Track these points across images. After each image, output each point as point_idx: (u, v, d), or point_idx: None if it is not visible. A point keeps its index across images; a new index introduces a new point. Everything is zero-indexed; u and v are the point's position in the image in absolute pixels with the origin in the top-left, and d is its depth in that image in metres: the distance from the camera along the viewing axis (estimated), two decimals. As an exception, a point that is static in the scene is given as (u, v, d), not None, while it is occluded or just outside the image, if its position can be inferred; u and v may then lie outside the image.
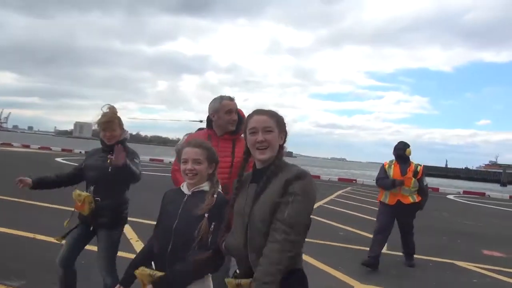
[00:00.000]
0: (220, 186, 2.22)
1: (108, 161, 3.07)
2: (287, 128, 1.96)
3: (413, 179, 5.85)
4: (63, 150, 33.77)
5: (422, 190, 5.97)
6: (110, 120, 3.17)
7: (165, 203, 2.24)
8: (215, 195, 2.10)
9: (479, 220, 13.06)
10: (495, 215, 15.24)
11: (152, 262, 2.15)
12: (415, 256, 6.17)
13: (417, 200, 5.93)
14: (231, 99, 3.10)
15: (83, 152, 29.38)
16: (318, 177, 27.17)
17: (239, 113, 3.14)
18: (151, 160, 30.18)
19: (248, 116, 1.95)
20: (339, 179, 29.03)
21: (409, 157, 6.02)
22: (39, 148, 33.20)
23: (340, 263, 5.71)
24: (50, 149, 33.24)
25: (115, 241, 3.21)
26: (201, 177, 2.15)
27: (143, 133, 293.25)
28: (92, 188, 3.14)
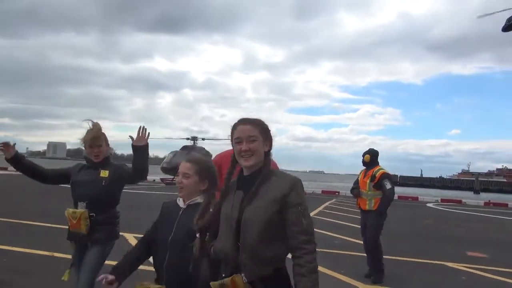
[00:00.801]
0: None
1: (129, 138, 3.01)
2: (272, 135, 2.00)
3: (368, 182, 5.93)
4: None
5: (383, 194, 5.84)
6: (97, 136, 3.14)
7: (163, 214, 2.31)
8: (211, 209, 2.07)
9: (460, 225, 13.99)
10: (474, 220, 16.23)
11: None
12: (410, 259, 6.61)
13: (373, 208, 5.88)
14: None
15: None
16: (302, 190, 27.53)
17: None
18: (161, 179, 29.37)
19: (233, 126, 1.98)
20: (323, 192, 29.72)
21: (372, 163, 6.07)
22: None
23: (341, 267, 6.06)
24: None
25: (106, 255, 3.11)
26: (189, 192, 2.22)
27: (119, 152, 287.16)
28: (84, 204, 3.03)
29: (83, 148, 3.20)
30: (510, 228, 14.95)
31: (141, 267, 2.35)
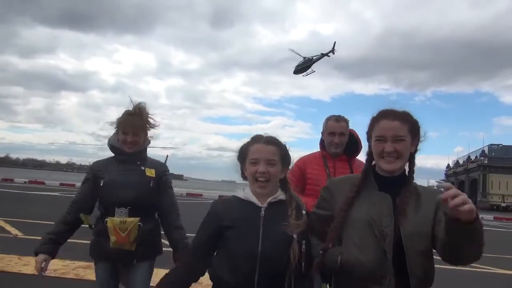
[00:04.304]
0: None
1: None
2: (421, 133, 1.72)
3: None
4: None
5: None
6: (139, 119, 2.52)
7: (227, 218, 1.73)
8: (303, 211, 1.73)
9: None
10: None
11: None
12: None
13: None
14: (337, 120, 2.89)
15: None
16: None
17: (353, 134, 2.95)
18: (61, 184, 28.72)
19: (373, 119, 1.72)
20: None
21: None
22: None
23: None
24: None
25: (152, 272, 2.54)
26: (274, 184, 1.76)
27: (13, 156, 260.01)
28: (126, 210, 2.38)
29: (116, 132, 2.56)
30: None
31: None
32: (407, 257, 1.55)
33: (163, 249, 2.62)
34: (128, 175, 2.45)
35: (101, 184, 2.43)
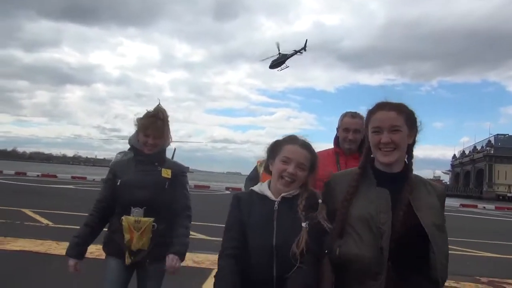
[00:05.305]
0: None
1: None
2: (418, 124, 1.72)
3: None
4: None
5: None
6: (161, 122, 2.52)
7: (245, 211, 1.80)
8: (319, 200, 1.78)
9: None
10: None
11: None
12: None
13: None
14: (353, 116, 2.86)
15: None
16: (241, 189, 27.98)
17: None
18: (72, 177, 29.81)
19: (370, 111, 1.72)
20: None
21: None
22: None
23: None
24: None
25: (164, 273, 2.50)
26: (297, 186, 1.81)
27: (20, 149, 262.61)
28: (141, 210, 2.42)
29: (136, 132, 2.58)
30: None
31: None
32: (433, 255, 1.55)
33: None
34: (144, 176, 2.49)
35: (118, 183, 2.49)
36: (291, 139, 1.86)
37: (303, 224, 1.68)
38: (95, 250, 4.07)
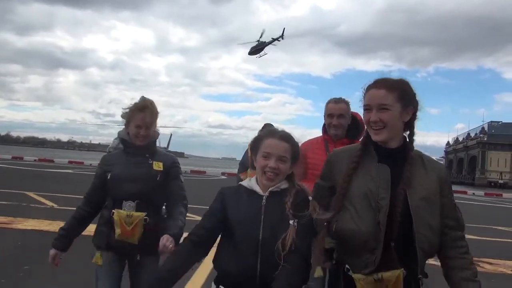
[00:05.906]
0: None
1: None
2: (418, 99, 1.69)
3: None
4: None
5: None
6: (150, 112, 2.48)
7: (232, 205, 1.80)
8: (309, 197, 1.78)
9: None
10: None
11: None
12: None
13: None
14: (336, 102, 2.92)
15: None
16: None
17: (356, 117, 2.96)
18: (69, 162, 30.25)
19: (364, 89, 1.70)
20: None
21: None
22: None
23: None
24: None
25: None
26: (281, 178, 1.80)
27: (14, 134, 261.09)
28: (133, 204, 2.38)
29: (125, 125, 2.55)
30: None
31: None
32: (414, 228, 1.55)
33: None
34: (135, 168, 2.45)
35: (108, 177, 2.45)
36: (269, 133, 1.87)
37: (291, 222, 1.68)
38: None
